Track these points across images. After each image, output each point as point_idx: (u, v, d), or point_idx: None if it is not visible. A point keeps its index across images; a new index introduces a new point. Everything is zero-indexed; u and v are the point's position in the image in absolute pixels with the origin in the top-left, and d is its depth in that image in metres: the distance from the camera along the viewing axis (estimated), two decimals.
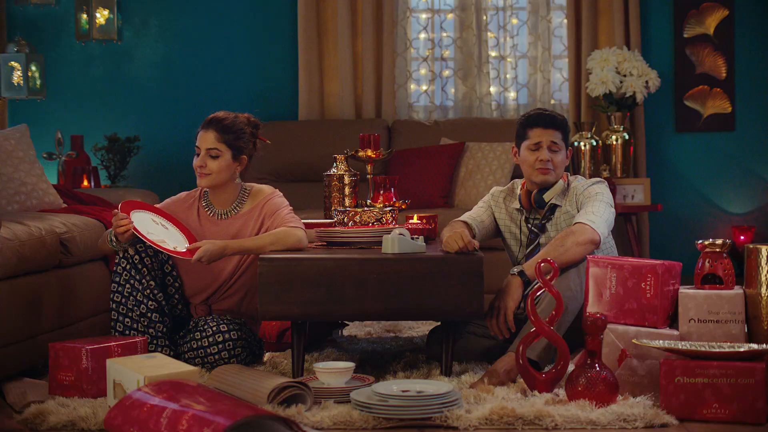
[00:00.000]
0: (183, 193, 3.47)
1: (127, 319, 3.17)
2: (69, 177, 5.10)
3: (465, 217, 3.42)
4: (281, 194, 3.41)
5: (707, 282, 2.81)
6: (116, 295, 3.18)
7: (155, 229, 3.21)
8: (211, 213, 3.38)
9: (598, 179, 3.34)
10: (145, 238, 3.10)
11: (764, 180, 5.50)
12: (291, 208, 3.37)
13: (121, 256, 3.20)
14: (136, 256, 3.19)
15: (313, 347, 3.60)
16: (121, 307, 3.18)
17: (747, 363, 2.53)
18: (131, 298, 3.17)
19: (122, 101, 5.62)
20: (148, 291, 3.19)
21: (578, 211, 3.25)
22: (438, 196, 4.85)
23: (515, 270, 3.11)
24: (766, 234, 5.43)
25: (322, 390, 2.75)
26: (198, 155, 3.30)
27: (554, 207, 3.32)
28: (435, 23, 5.57)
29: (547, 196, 3.30)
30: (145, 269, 3.20)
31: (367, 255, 2.96)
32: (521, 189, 3.38)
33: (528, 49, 5.54)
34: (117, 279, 3.19)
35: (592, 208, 3.18)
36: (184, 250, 3.16)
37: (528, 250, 3.34)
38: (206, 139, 3.30)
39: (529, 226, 3.36)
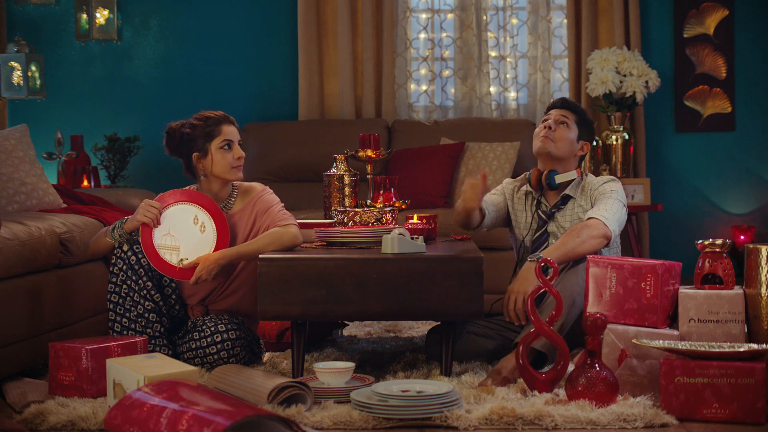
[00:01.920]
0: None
1: (124, 320, 3.17)
2: (69, 177, 5.10)
3: None
4: (271, 191, 3.41)
5: (707, 282, 2.81)
6: (113, 295, 3.18)
7: (184, 231, 3.19)
8: None
9: (613, 177, 3.37)
10: (149, 248, 3.11)
11: (764, 180, 5.50)
12: (282, 204, 3.37)
13: (117, 255, 3.20)
14: (133, 257, 3.18)
15: (313, 347, 3.60)
16: (119, 307, 3.17)
17: (747, 363, 2.53)
18: (128, 298, 3.17)
19: (122, 101, 5.62)
20: (145, 291, 3.18)
21: (591, 207, 3.27)
22: (438, 196, 4.84)
23: (534, 257, 3.13)
24: (766, 234, 5.43)
25: (322, 390, 2.75)
26: (229, 148, 3.28)
27: (567, 198, 3.34)
28: (435, 23, 5.57)
29: (559, 178, 3.34)
30: (141, 270, 3.19)
31: (367, 255, 2.95)
32: (533, 170, 3.41)
33: (528, 49, 5.54)
34: (114, 279, 3.18)
35: (605, 205, 3.20)
36: (183, 267, 3.16)
37: (535, 236, 3.35)
38: (235, 132, 3.33)
39: (539, 211, 3.37)
